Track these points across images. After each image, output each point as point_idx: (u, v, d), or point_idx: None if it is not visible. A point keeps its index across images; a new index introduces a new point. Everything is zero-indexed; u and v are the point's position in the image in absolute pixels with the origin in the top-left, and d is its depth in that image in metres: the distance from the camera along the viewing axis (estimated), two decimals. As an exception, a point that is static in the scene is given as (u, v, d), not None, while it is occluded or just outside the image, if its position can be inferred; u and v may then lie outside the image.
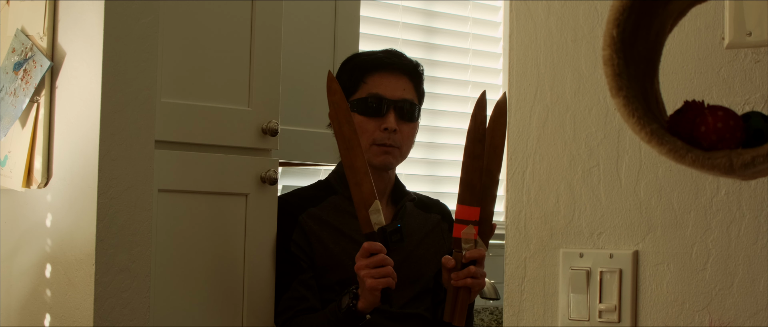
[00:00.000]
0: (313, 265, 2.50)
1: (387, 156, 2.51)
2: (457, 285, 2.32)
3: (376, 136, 2.50)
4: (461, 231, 2.34)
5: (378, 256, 2.30)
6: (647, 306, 1.41)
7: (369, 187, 2.35)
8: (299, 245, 2.49)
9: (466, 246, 2.34)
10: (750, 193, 1.34)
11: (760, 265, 1.33)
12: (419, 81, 2.59)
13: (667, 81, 1.39)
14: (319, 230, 2.51)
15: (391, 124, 2.49)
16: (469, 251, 2.33)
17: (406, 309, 2.50)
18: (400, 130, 2.52)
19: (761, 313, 1.32)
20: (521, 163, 1.52)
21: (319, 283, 2.49)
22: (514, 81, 1.54)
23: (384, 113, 2.50)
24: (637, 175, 1.43)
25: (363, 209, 2.35)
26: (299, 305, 2.45)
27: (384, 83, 2.53)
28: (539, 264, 1.50)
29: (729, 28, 1.36)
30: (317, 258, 2.49)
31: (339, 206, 2.54)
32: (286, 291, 2.47)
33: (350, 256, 2.40)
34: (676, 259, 1.39)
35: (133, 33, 2.15)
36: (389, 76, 2.54)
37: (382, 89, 2.52)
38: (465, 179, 2.37)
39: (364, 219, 2.35)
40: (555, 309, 1.48)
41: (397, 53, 2.62)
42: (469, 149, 2.37)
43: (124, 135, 2.14)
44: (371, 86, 2.53)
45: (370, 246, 2.31)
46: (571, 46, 1.49)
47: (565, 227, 1.48)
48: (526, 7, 1.53)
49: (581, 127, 1.48)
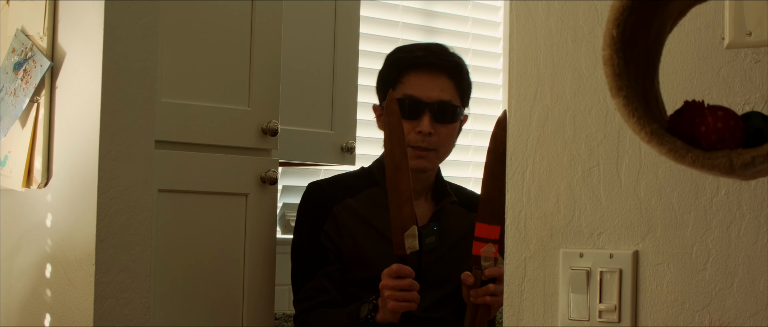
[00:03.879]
0: (340, 257, 2.49)
1: (421, 160, 2.47)
2: (476, 302, 2.32)
3: (411, 138, 2.46)
4: (481, 249, 2.33)
5: (406, 281, 2.29)
6: (647, 306, 1.41)
7: (409, 211, 2.32)
8: (329, 237, 2.49)
9: (486, 264, 2.33)
10: (750, 193, 1.34)
11: (760, 265, 1.33)
12: (461, 78, 2.53)
13: (667, 81, 1.39)
14: (352, 224, 2.49)
15: (426, 128, 2.45)
16: (488, 269, 2.32)
17: (430, 313, 2.48)
18: (437, 132, 2.47)
19: (761, 313, 1.32)
20: (521, 163, 1.52)
21: (344, 277, 2.48)
22: (514, 81, 1.54)
23: (419, 116, 2.46)
24: (637, 175, 1.43)
25: (399, 232, 2.32)
26: (320, 297, 2.45)
27: (420, 84, 2.48)
28: (539, 264, 1.50)
29: (729, 28, 1.35)
30: (346, 252, 2.48)
31: (376, 200, 2.51)
32: (310, 280, 2.47)
33: (379, 254, 2.40)
34: (676, 259, 1.39)
35: (133, 33, 2.15)
36: (426, 75, 2.49)
37: (418, 90, 2.47)
38: (485, 198, 2.34)
39: (399, 241, 2.32)
40: (555, 309, 1.48)
41: (437, 50, 2.55)
42: (490, 168, 2.33)
43: (124, 135, 2.14)
44: (407, 87, 2.48)
45: (399, 269, 2.30)
46: (571, 46, 1.49)
47: (565, 227, 1.48)
48: (526, 7, 1.53)
49: (581, 127, 1.48)
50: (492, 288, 2.31)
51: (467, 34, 3.94)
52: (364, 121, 3.29)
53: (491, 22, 4.02)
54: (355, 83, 2.89)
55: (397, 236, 2.32)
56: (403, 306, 2.29)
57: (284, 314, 3.24)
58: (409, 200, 2.32)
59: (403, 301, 2.29)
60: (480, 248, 2.32)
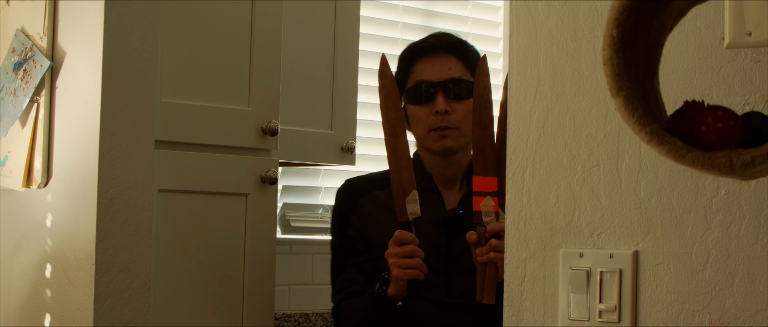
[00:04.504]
0: (368, 249, 2.49)
1: (445, 140, 2.46)
2: (482, 260, 2.25)
3: (431, 121, 2.46)
4: (480, 203, 2.28)
5: (408, 247, 2.28)
6: (647, 306, 1.41)
7: (409, 175, 2.32)
8: (356, 228, 2.50)
9: (487, 219, 2.27)
10: (750, 193, 1.34)
11: (760, 265, 1.33)
12: (467, 55, 2.53)
13: (667, 81, 1.39)
14: (377, 214, 2.49)
15: (441, 106, 2.45)
16: (490, 225, 2.26)
17: (463, 299, 2.43)
18: (454, 110, 2.46)
19: (761, 313, 1.32)
20: (521, 163, 1.52)
21: (374, 267, 2.47)
22: (514, 81, 1.54)
23: (433, 97, 2.46)
24: (637, 175, 1.43)
25: (400, 197, 2.31)
26: (351, 288, 2.46)
27: (427, 68, 2.50)
28: (539, 264, 1.50)
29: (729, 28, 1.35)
30: (372, 241, 2.48)
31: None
32: (341, 273, 2.49)
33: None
34: (676, 259, 1.39)
35: (133, 33, 2.15)
36: (432, 59, 2.50)
37: (426, 74, 2.49)
38: (477, 148, 2.32)
39: (401, 207, 2.31)
40: (555, 309, 1.48)
41: (438, 34, 2.58)
42: (476, 118, 2.33)
43: (124, 135, 2.14)
44: (417, 74, 2.50)
45: (402, 235, 2.29)
46: (571, 46, 1.49)
47: (565, 227, 1.48)
48: (526, 7, 1.53)
49: (581, 127, 1.48)
50: (494, 243, 2.24)
51: (467, 35, 3.94)
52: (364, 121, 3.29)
53: (491, 22, 4.02)
54: (355, 83, 2.89)
55: (399, 202, 2.31)
56: (406, 273, 2.27)
57: (284, 314, 3.24)
58: (408, 163, 2.33)
59: (406, 267, 2.27)
60: (479, 203, 2.28)
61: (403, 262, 2.27)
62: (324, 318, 3.31)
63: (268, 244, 2.49)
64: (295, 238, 3.31)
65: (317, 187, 3.43)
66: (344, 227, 2.51)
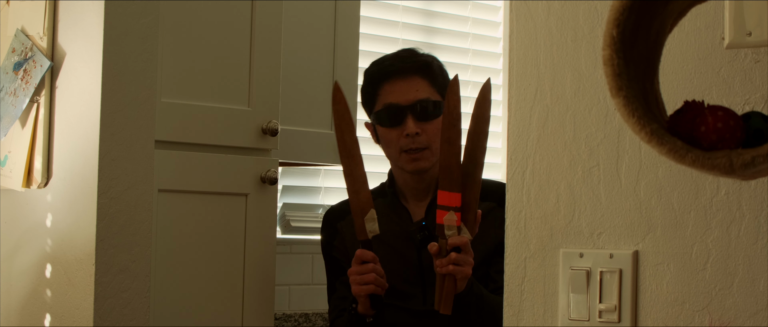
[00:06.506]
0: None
1: (417, 162, 2.51)
2: (441, 272, 2.32)
3: (402, 143, 2.50)
4: (443, 217, 2.34)
5: (366, 265, 2.36)
6: (647, 306, 1.41)
7: (366, 195, 2.40)
8: (339, 250, 2.58)
9: (449, 233, 2.33)
10: (750, 193, 1.34)
11: (760, 265, 1.33)
12: (433, 74, 2.56)
13: (667, 81, 1.39)
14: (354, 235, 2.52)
15: (411, 129, 2.49)
16: (451, 238, 2.32)
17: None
18: (424, 131, 2.50)
19: (761, 313, 1.32)
20: (521, 163, 1.52)
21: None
22: (514, 81, 1.54)
23: (402, 120, 2.50)
24: (637, 175, 1.43)
25: (359, 217, 2.40)
26: (342, 305, 2.52)
27: (396, 90, 2.53)
28: (539, 264, 1.50)
29: (729, 28, 1.35)
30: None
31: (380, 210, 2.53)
32: (335, 292, 2.57)
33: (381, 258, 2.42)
34: (676, 259, 1.39)
35: (133, 33, 2.15)
36: (399, 81, 2.53)
37: (395, 97, 2.52)
38: (444, 164, 2.36)
39: (360, 227, 2.39)
40: (555, 309, 1.48)
41: (404, 55, 2.60)
42: (445, 134, 2.37)
43: (124, 135, 2.14)
44: (384, 97, 2.54)
45: (362, 254, 2.38)
46: (571, 46, 1.49)
47: (565, 227, 1.48)
48: (526, 7, 1.53)
49: (581, 127, 1.48)
50: (454, 257, 2.30)
51: (467, 34, 3.94)
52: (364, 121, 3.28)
53: (491, 22, 4.02)
54: (355, 83, 2.89)
55: (358, 222, 2.39)
56: (362, 289, 2.35)
57: (284, 314, 3.24)
58: (364, 184, 2.40)
59: (362, 284, 2.35)
60: (443, 216, 2.34)
61: (360, 279, 2.36)
62: (324, 318, 3.31)
63: (268, 244, 2.50)
64: (295, 238, 3.32)
65: (317, 187, 3.43)
66: (330, 251, 2.60)
